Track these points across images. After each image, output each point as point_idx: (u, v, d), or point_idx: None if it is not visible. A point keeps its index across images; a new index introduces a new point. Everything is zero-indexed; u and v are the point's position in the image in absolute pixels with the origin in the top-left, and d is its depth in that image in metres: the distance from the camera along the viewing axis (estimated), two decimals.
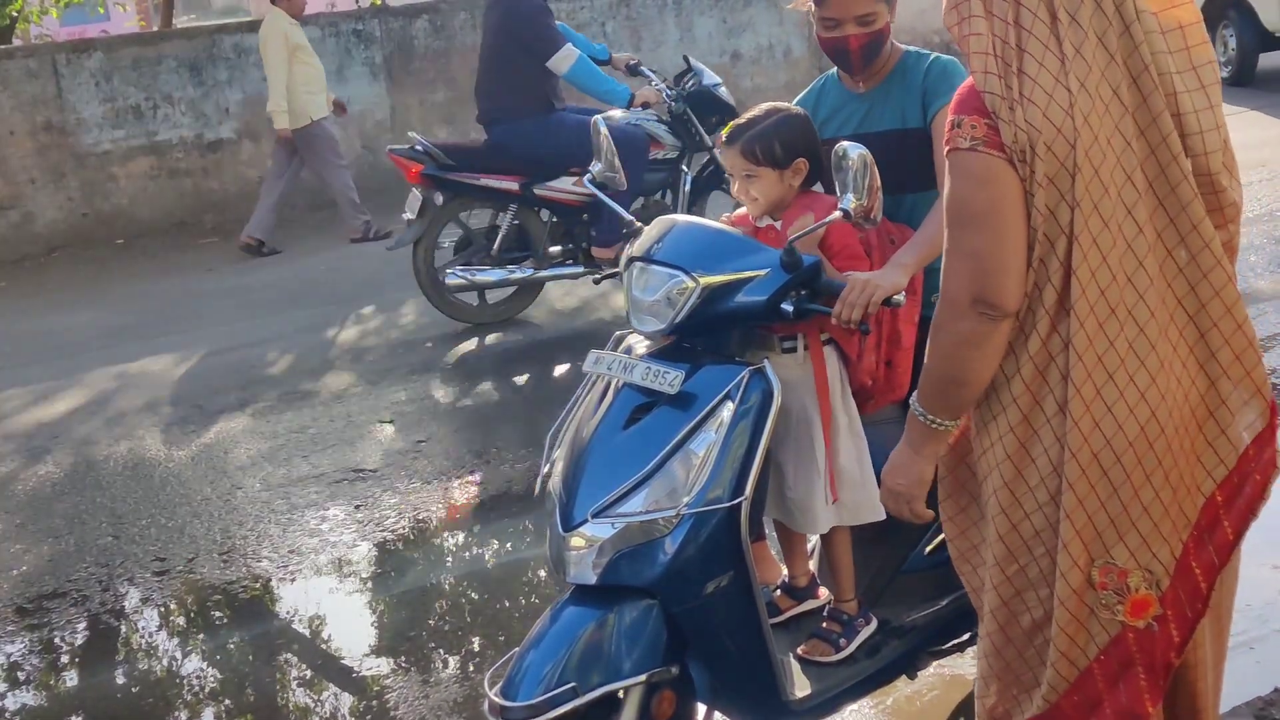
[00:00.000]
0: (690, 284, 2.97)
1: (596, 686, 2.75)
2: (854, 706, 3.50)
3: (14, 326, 9.25)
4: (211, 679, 4.51)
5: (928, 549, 3.42)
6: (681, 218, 3.21)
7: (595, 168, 3.49)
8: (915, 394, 2.54)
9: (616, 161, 3.47)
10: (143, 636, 4.83)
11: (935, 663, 3.53)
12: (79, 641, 4.77)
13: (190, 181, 11.79)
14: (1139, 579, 2.39)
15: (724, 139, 3.27)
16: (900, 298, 2.98)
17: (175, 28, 13.77)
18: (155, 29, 14.91)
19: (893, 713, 3.73)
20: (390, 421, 6.54)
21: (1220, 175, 2.36)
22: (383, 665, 4.39)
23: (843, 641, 3.23)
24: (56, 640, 4.76)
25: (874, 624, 3.31)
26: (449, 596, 4.91)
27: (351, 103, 12.26)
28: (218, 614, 4.89)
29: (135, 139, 11.56)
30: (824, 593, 3.42)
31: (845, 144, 2.85)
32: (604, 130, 3.49)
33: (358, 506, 5.54)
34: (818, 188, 3.37)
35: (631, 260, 3.12)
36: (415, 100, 12.65)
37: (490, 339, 7.85)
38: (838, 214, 2.90)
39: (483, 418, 6.70)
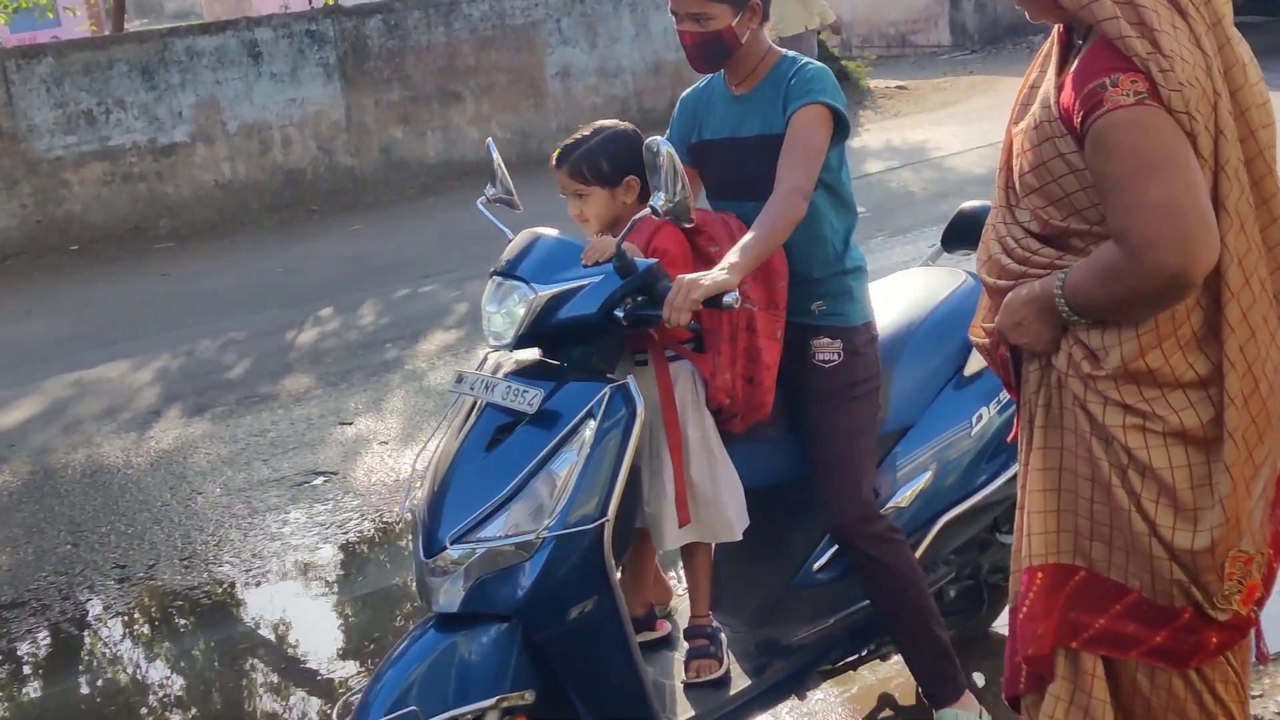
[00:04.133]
0: (530, 295, 2.92)
1: (440, 711, 2.68)
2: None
3: None
4: (175, 685, 4.49)
5: (817, 565, 3.34)
6: (544, 231, 3.13)
7: (489, 190, 3.38)
8: (1063, 286, 2.33)
9: (510, 184, 3.35)
10: (105, 644, 4.80)
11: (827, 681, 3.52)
12: (40, 651, 4.73)
13: (144, 186, 11.70)
14: (1258, 565, 2.40)
15: (554, 160, 3.22)
16: (731, 299, 2.79)
17: (127, 32, 13.65)
18: (106, 34, 14.78)
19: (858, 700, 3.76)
20: (350, 423, 6.52)
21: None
22: (348, 667, 4.38)
23: (719, 653, 3.20)
24: (17, 650, 4.72)
25: (724, 639, 3.28)
26: (412, 597, 4.90)
27: (305, 104, 12.21)
28: (180, 620, 4.87)
29: (88, 144, 11.47)
30: (664, 625, 3.38)
31: (655, 139, 2.80)
32: (496, 153, 3.38)
33: (319, 509, 5.52)
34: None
35: (490, 273, 3.06)
36: (371, 100, 12.60)
37: (449, 339, 7.83)
38: (646, 210, 2.83)
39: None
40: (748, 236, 2.97)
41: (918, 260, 8.21)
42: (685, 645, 3.26)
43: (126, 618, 4.91)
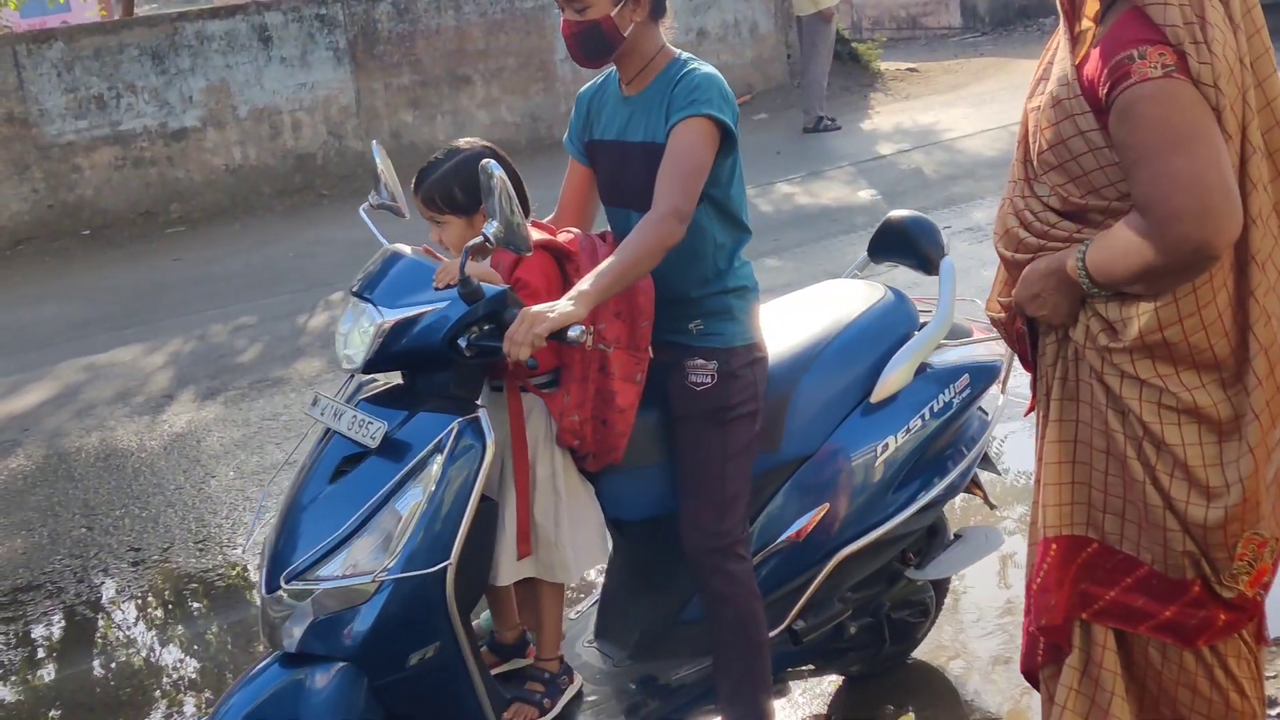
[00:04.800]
0: (377, 319, 2.77)
1: None
2: None
3: None
4: (189, 668, 4.51)
5: None
6: (402, 249, 2.98)
7: (373, 197, 3.24)
8: (1084, 257, 2.33)
9: (398, 190, 3.20)
10: (119, 627, 4.82)
11: None
12: (55, 634, 4.76)
13: (155, 171, 11.71)
14: (1270, 550, 2.42)
15: (414, 184, 3.07)
16: (577, 333, 2.62)
17: (136, 16, 13.65)
18: (116, 18, 14.78)
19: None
20: None
21: None
22: None
23: (546, 702, 3.04)
24: (32, 633, 4.75)
25: (578, 682, 3.15)
26: None
27: (315, 88, 12.21)
28: (194, 603, 4.89)
29: (99, 129, 11.48)
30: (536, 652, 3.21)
31: (487, 161, 2.62)
32: (380, 157, 3.21)
33: None
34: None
35: (348, 291, 2.93)
36: (380, 85, 12.59)
37: None
38: (478, 240, 2.64)
39: None
40: (607, 262, 2.77)
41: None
42: (525, 683, 3.12)
43: (141, 600, 4.94)
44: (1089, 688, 2.57)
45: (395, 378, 2.96)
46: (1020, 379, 5.77)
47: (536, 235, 2.96)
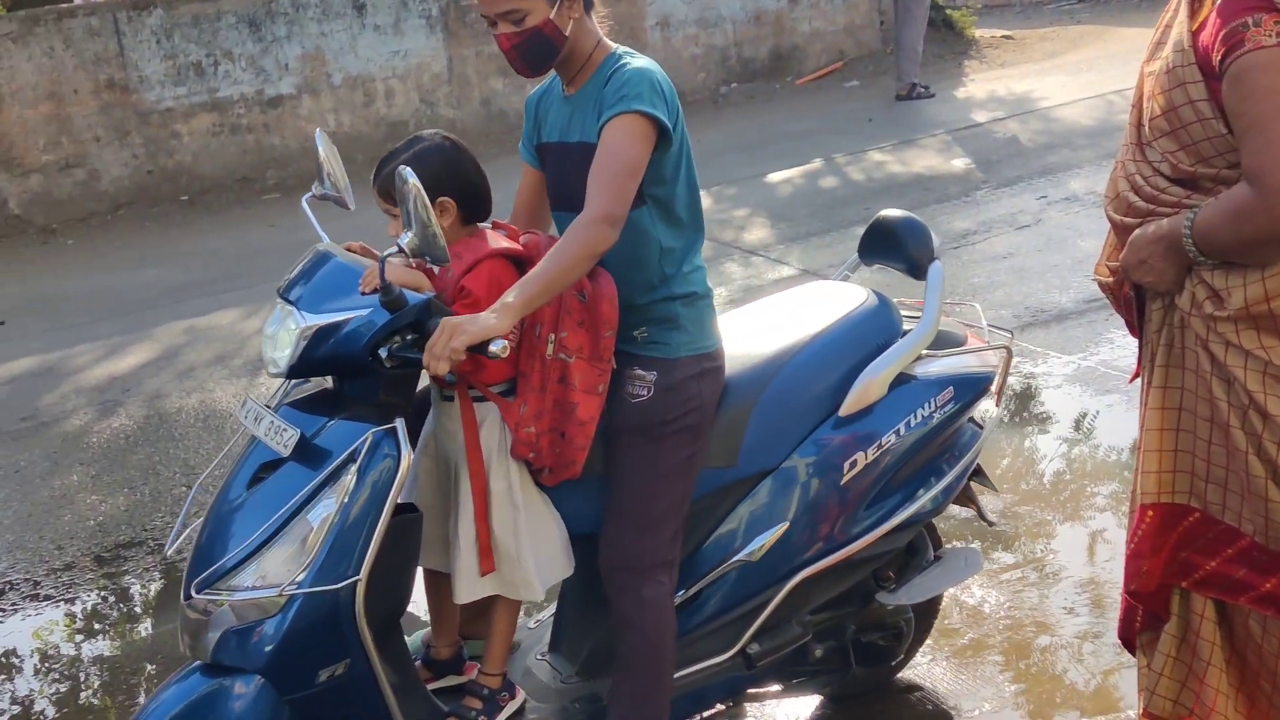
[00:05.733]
0: (301, 324, 2.66)
1: None
2: None
3: (83, 283, 9.40)
4: None
5: None
6: (331, 249, 2.87)
7: (316, 187, 3.12)
8: (1192, 225, 2.32)
9: (343, 180, 3.08)
10: None
11: None
12: (155, 589, 4.88)
13: (252, 138, 11.89)
14: None
15: (374, 175, 2.95)
16: (498, 347, 2.51)
17: None
18: None
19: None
20: None
21: None
22: None
23: (482, 719, 2.96)
24: (133, 588, 4.88)
25: (520, 698, 3.04)
26: None
27: (408, 56, 12.30)
28: None
29: (197, 96, 11.67)
30: (474, 668, 3.09)
31: (402, 168, 2.52)
32: (323, 145, 3.08)
33: None
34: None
35: (277, 291, 2.81)
36: (472, 52, 12.66)
37: None
38: (393, 250, 2.53)
39: None
40: (533, 271, 2.64)
41: (1024, 213, 8.13)
42: (463, 697, 3.03)
43: None
44: (1187, 655, 2.55)
45: (329, 381, 2.88)
46: (1114, 350, 5.72)
47: (500, 242, 2.89)
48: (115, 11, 11.43)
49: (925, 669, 3.74)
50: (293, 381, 2.89)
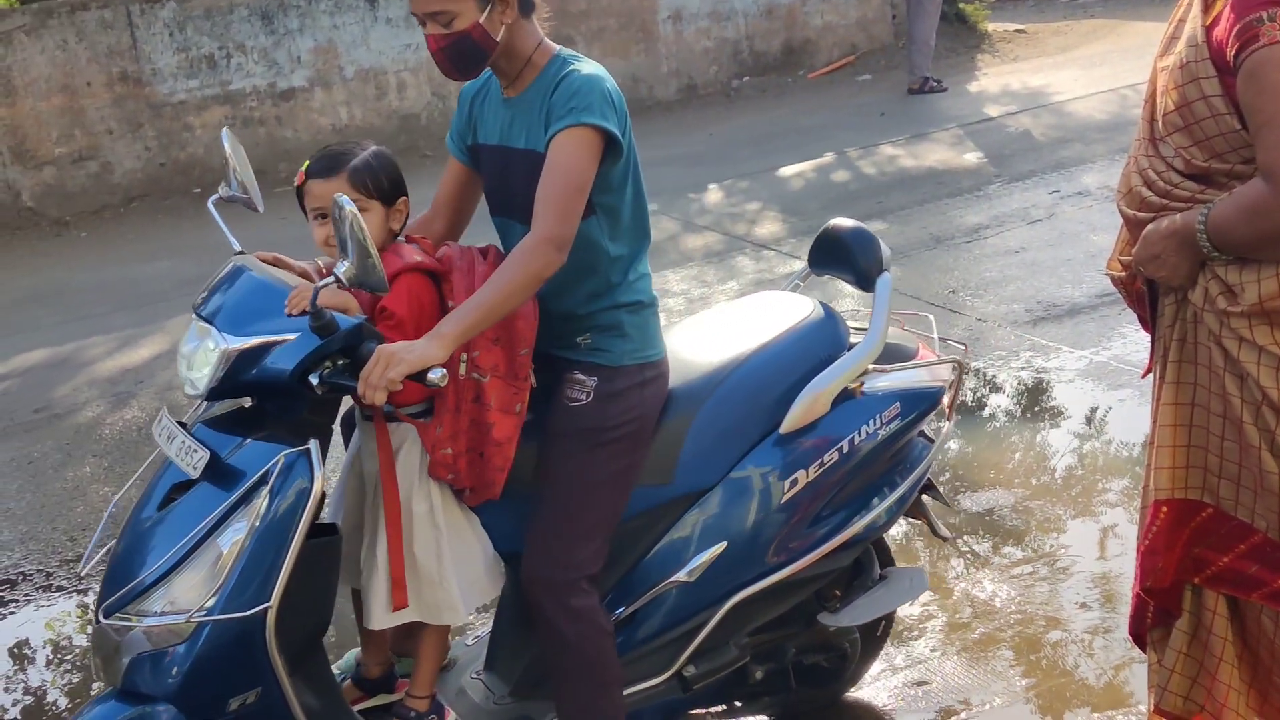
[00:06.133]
0: (222, 346, 2.57)
1: None
2: None
3: (95, 275, 9.43)
4: None
5: None
6: (250, 262, 2.78)
7: (223, 189, 3.01)
8: (1206, 220, 2.31)
9: (251, 181, 2.96)
10: None
11: None
12: None
13: (264, 130, 11.90)
14: None
15: (311, 171, 2.79)
16: (437, 375, 2.45)
17: None
18: None
19: None
20: None
21: None
22: None
23: None
24: None
25: (450, 719, 2.98)
26: None
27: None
28: None
29: (209, 88, 11.68)
30: (408, 686, 3.02)
31: (339, 196, 2.41)
32: (230, 146, 2.96)
33: None
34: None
35: (191, 308, 2.72)
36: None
37: None
38: (329, 280, 2.44)
39: None
40: (475, 296, 2.59)
41: (1036, 207, 8.12)
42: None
43: None
44: (1198, 652, 2.55)
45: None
46: (1127, 345, 5.71)
47: (415, 255, 2.81)
48: (128, 4, 11.44)
49: (936, 663, 3.74)
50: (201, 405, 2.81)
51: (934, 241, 7.77)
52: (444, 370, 2.46)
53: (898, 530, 4.41)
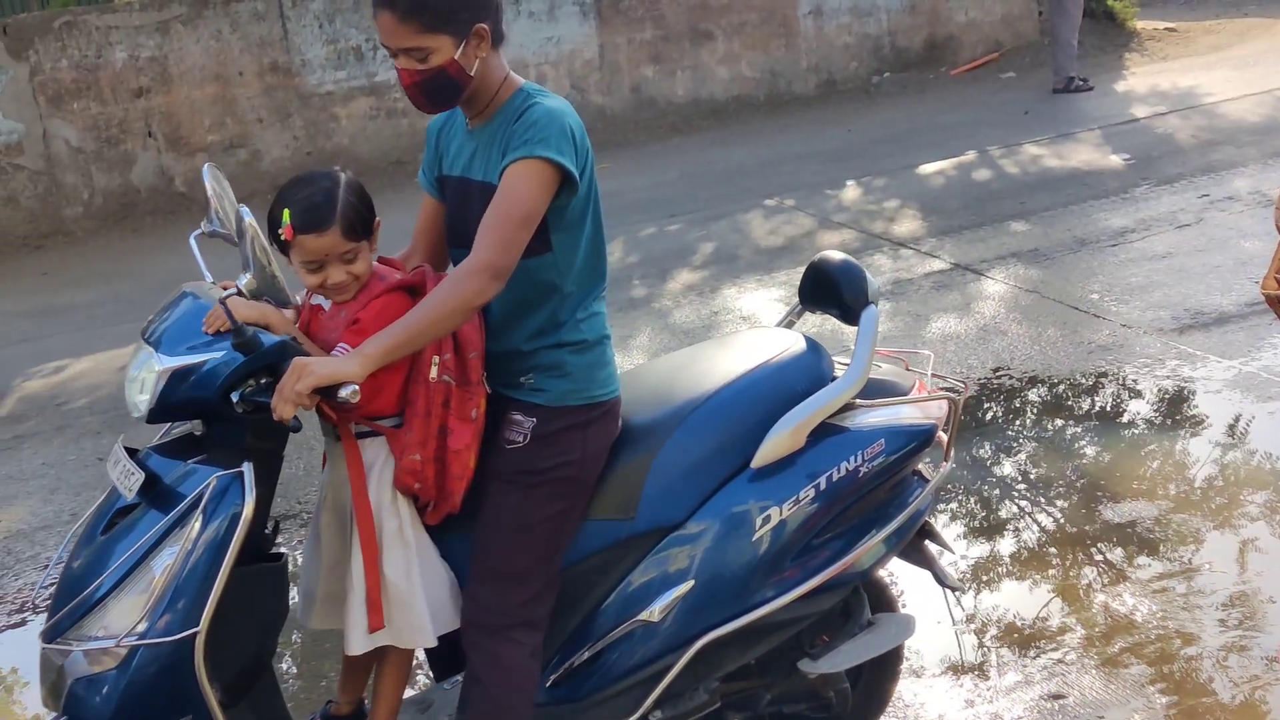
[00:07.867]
0: (157, 366, 2.55)
1: None
2: None
3: None
4: None
5: (550, 681, 2.90)
6: (196, 288, 2.76)
7: (204, 224, 3.00)
8: None
9: (232, 215, 2.83)
10: None
11: None
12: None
13: (406, 122, 12.11)
14: None
15: (300, 227, 2.67)
16: (348, 392, 2.40)
17: None
18: None
19: None
20: None
21: None
22: None
23: None
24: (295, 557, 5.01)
25: None
26: None
27: (561, 42, 12.42)
28: None
29: (356, 80, 11.93)
30: None
31: (241, 206, 2.41)
32: (211, 180, 2.96)
33: None
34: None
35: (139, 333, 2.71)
36: (624, 39, 12.73)
37: (694, 279, 7.90)
38: (231, 291, 2.43)
39: None
40: (403, 318, 2.54)
41: (1184, 211, 7.93)
42: None
43: None
44: None
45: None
46: (1277, 355, 5.55)
47: (394, 275, 2.81)
48: None
49: (1073, 677, 3.69)
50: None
51: (1078, 244, 7.63)
52: (355, 387, 2.41)
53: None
